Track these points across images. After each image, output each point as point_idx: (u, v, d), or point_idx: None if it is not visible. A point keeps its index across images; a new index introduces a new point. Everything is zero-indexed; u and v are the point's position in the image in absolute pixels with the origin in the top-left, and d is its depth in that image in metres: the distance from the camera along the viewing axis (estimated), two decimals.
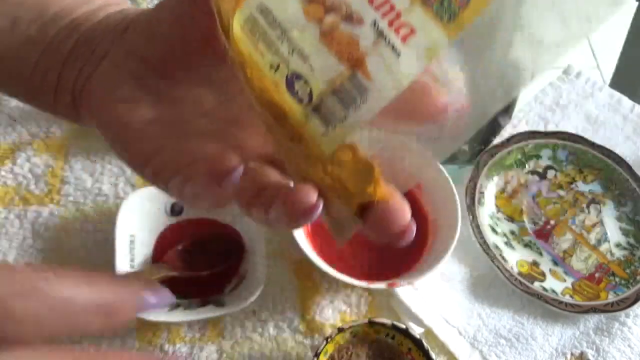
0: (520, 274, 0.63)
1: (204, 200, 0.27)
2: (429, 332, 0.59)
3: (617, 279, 0.64)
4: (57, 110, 0.32)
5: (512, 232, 0.67)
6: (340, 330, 0.53)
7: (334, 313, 0.60)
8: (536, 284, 0.63)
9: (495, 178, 0.70)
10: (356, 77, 0.22)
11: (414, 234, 0.25)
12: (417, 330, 0.57)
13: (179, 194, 0.29)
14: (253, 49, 0.24)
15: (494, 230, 0.66)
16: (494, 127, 0.76)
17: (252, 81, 0.24)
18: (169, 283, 0.58)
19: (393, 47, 0.21)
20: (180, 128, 0.29)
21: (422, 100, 0.23)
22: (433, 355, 0.53)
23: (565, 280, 0.64)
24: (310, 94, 0.23)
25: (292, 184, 0.26)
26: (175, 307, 0.57)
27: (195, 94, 0.29)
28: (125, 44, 0.29)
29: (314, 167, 0.24)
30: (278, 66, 0.23)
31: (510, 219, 0.68)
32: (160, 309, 0.23)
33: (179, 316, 0.56)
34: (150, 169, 0.29)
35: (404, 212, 0.24)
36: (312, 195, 0.23)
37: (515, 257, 0.65)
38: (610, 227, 0.68)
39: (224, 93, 0.30)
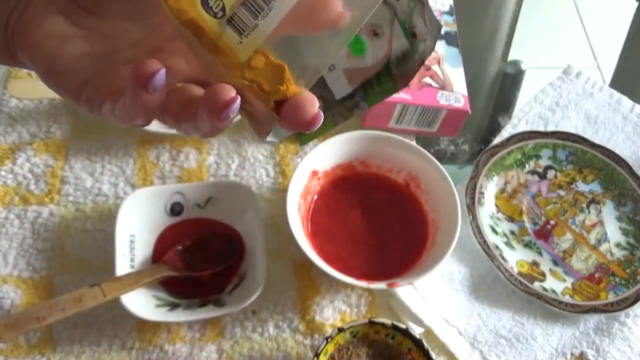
0: (520, 274, 0.63)
1: (135, 114, 0.29)
2: (429, 332, 0.59)
3: (617, 279, 0.64)
4: None
5: (512, 232, 0.67)
6: (340, 330, 0.53)
7: (334, 313, 0.60)
8: (536, 284, 0.63)
9: (495, 178, 0.70)
10: None
11: (322, 121, 0.28)
12: (417, 330, 0.57)
13: (111, 116, 0.31)
14: None
15: (494, 230, 0.66)
16: (494, 127, 0.76)
17: (170, 3, 0.27)
18: (169, 283, 0.58)
19: None
20: (109, 59, 0.32)
21: (322, 9, 0.27)
22: (433, 355, 0.53)
23: (565, 280, 0.64)
24: (223, 8, 0.26)
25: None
26: (175, 307, 0.57)
27: (121, 27, 0.32)
28: None
29: (233, 74, 0.27)
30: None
31: (510, 219, 0.68)
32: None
33: (179, 316, 0.56)
34: (84, 97, 0.31)
35: (313, 102, 0.28)
36: (230, 92, 0.27)
37: (515, 257, 0.65)
38: (610, 227, 0.68)
39: (149, 24, 0.32)
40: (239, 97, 0.27)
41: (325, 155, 0.64)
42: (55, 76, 0.31)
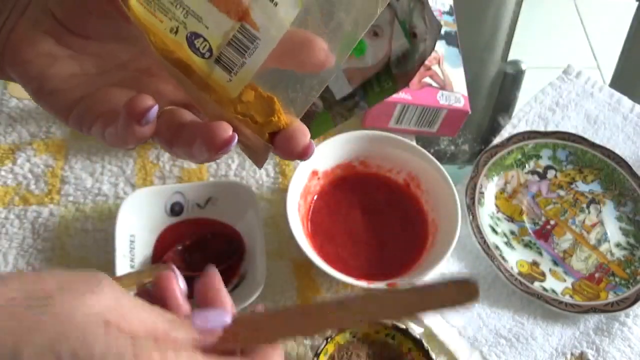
0: (520, 274, 0.63)
1: (126, 141, 0.30)
2: (429, 332, 0.59)
3: (617, 279, 0.64)
4: None
5: (512, 232, 0.67)
6: (340, 330, 0.53)
7: None
8: (536, 284, 0.63)
9: (495, 178, 0.70)
10: (245, 28, 0.27)
11: (313, 152, 0.29)
12: (417, 330, 0.57)
13: (101, 138, 0.31)
14: (151, 17, 0.28)
15: (494, 230, 0.66)
16: (494, 127, 0.76)
17: (156, 44, 0.28)
18: None
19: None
20: (98, 79, 0.32)
21: (307, 51, 0.28)
22: (433, 355, 0.53)
23: (565, 280, 0.64)
24: (210, 49, 0.27)
25: (207, 122, 0.30)
26: None
27: (109, 48, 0.32)
28: (40, 1, 0.31)
29: (226, 109, 0.28)
30: (177, 29, 0.27)
31: (510, 219, 0.68)
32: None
33: None
34: (73, 117, 0.31)
35: (304, 133, 0.29)
36: (228, 130, 0.28)
37: (515, 257, 0.65)
38: (610, 227, 0.68)
39: (136, 46, 0.33)
40: (236, 136, 0.28)
41: (325, 155, 0.64)
42: (45, 95, 0.31)
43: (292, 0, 0.27)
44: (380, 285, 0.56)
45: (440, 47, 0.73)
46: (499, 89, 0.86)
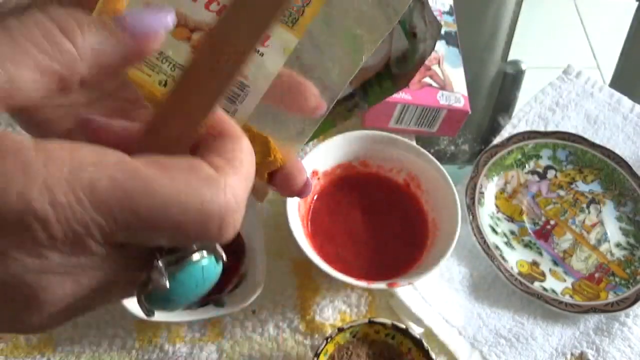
0: (520, 274, 0.63)
1: None
2: (429, 332, 0.59)
3: (617, 279, 0.64)
4: None
5: (512, 232, 0.67)
6: (340, 330, 0.53)
7: (334, 313, 0.60)
8: (536, 284, 0.63)
9: (495, 178, 0.70)
10: None
11: (312, 189, 0.30)
12: (417, 330, 0.57)
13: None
14: (139, 73, 0.29)
15: (494, 230, 0.66)
16: (494, 127, 0.76)
17: (146, 95, 0.29)
18: None
19: (257, 50, 0.28)
20: (87, 110, 0.32)
21: (297, 96, 0.29)
22: (433, 355, 0.53)
23: (565, 280, 0.64)
24: None
25: None
26: None
27: (96, 78, 0.32)
28: None
29: None
30: (166, 82, 0.29)
31: (510, 219, 0.68)
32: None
33: (179, 316, 0.56)
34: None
35: (301, 171, 0.30)
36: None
37: (515, 257, 0.65)
38: (610, 227, 0.68)
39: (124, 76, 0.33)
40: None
41: (325, 155, 0.64)
42: (34, 126, 0.31)
43: (278, 50, 0.28)
44: (380, 285, 0.57)
45: (440, 47, 0.73)
46: (499, 89, 0.86)
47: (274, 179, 0.30)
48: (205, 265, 0.24)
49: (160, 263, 0.23)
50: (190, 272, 0.24)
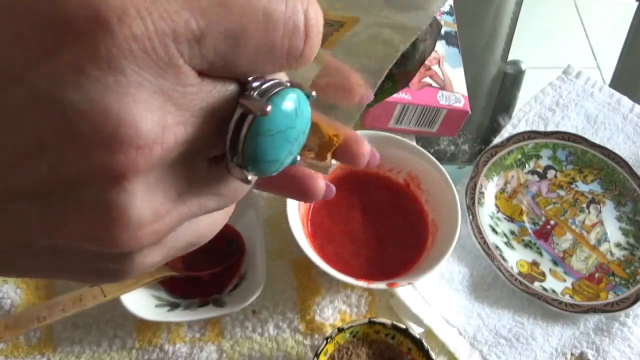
0: (520, 274, 0.63)
1: None
2: (429, 332, 0.59)
3: (617, 279, 0.64)
4: None
5: (512, 232, 0.67)
6: (340, 330, 0.53)
7: (334, 313, 0.60)
8: (536, 284, 0.63)
9: (495, 178, 0.70)
10: None
11: (379, 157, 0.32)
12: (417, 330, 0.57)
13: None
14: None
15: (494, 230, 0.66)
16: (494, 127, 0.76)
17: None
18: (169, 283, 0.58)
19: None
20: None
21: (344, 88, 0.30)
22: (433, 355, 0.53)
23: (565, 280, 0.64)
24: None
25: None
26: (175, 307, 0.57)
27: None
28: None
29: None
30: None
31: (510, 219, 0.68)
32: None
33: (179, 316, 0.56)
34: None
35: (359, 142, 0.30)
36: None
37: (515, 257, 0.65)
38: (610, 227, 0.68)
39: None
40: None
41: None
42: None
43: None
44: (380, 285, 0.56)
45: (440, 47, 0.73)
46: (499, 89, 0.86)
47: (336, 154, 0.30)
48: (299, 93, 0.20)
49: (253, 92, 0.19)
50: (286, 96, 0.20)
